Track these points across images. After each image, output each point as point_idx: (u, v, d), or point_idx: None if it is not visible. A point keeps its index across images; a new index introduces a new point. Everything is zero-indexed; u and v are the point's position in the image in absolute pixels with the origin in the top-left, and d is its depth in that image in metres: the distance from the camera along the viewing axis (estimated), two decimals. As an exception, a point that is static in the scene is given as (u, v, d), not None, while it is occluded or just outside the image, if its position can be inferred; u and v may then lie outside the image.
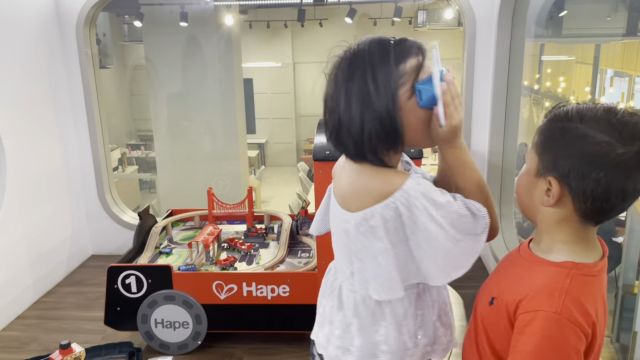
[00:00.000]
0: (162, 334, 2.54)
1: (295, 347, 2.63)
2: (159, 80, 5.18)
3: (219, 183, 5.20)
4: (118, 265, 2.51)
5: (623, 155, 0.85)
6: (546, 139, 0.94)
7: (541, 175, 0.94)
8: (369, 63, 1.00)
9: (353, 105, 1.01)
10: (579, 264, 0.93)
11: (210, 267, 2.61)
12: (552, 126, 0.93)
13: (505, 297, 0.96)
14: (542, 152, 0.94)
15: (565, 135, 0.90)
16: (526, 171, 0.99)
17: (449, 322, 1.20)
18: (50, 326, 2.94)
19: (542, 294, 0.90)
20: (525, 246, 1.03)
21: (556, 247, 0.96)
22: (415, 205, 1.00)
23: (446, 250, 1.02)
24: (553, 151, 0.92)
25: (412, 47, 1.02)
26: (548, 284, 0.91)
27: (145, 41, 5.34)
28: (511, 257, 1.08)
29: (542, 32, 4.21)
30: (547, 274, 0.93)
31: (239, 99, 5.33)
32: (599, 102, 0.93)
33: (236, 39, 5.38)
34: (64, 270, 3.54)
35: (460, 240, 1.02)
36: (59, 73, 3.46)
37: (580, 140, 0.88)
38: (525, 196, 1.00)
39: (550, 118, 0.95)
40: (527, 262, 0.99)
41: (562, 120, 0.92)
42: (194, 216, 3.19)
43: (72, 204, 3.65)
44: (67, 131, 3.55)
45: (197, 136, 5.34)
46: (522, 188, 1.01)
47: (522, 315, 0.91)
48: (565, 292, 0.89)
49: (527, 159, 0.99)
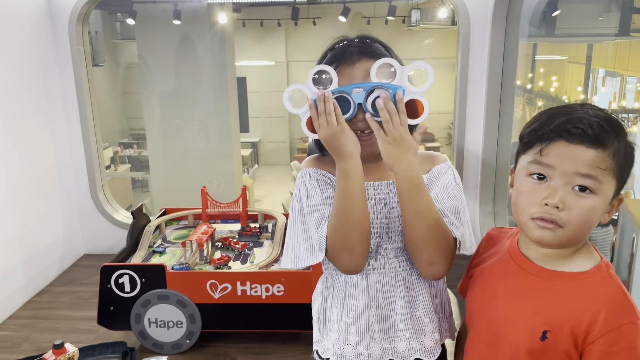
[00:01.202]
0: (155, 333, 2.53)
1: (289, 346, 2.63)
2: (151, 79, 5.15)
3: (213, 182, 5.18)
4: (111, 265, 2.50)
5: None
6: (623, 160, 0.86)
7: (616, 196, 0.88)
8: None
9: None
10: (602, 261, 0.91)
11: (204, 267, 2.60)
12: (626, 144, 0.87)
13: (563, 326, 0.87)
14: (620, 174, 0.86)
15: (631, 151, 0.87)
16: (603, 201, 0.87)
17: (393, 334, 1.13)
18: (42, 326, 2.92)
19: (614, 307, 0.85)
20: (530, 263, 0.94)
21: (571, 258, 0.91)
22: (297, 188, 1.19)
23: (291, 235, 1.18)
24: (628, 169, 0.88)
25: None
26: (610, 296, 0.86)
27: (138, 39, 5.31)
28: (520, 278, 0.95)
29: (536, 31, 4.23)
30: (597, 286, 0.88)
31: (232, 98, 5.31)
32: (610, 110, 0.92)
33: (229, 37, 5.36)
34: (57, 269, 3.52)
35: (302, 236, 1.15)
36: (51, 71, 3.43)
37: (632, 152, 0.88)
38: (594, 223, 0.89)
39: (616, 138, 0.86)
40: (556, 281, 0.90)
41: (621, 137, 0.87)
42: (187, 215, 3.17)
43: (65, 203, 3.62)
44: (59, 129, 3.52)
45: (190, 135, 5.32)
46: (595, 220, 0.88)
47: (603, 338, 0.84)
48: (627, 295, 0.86)
49: (603, 190, 0.86)
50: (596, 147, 0.83)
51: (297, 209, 1.16)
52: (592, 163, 0.83)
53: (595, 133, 0.83)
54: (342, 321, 1.16)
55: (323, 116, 1.04)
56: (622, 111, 5.12)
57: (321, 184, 1.16)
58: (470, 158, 3.50)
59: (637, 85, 5.36)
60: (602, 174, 0.84)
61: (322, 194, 1.13)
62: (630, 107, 5.13)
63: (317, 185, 1.15)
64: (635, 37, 4.50)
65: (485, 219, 3.45)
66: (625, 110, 5.09)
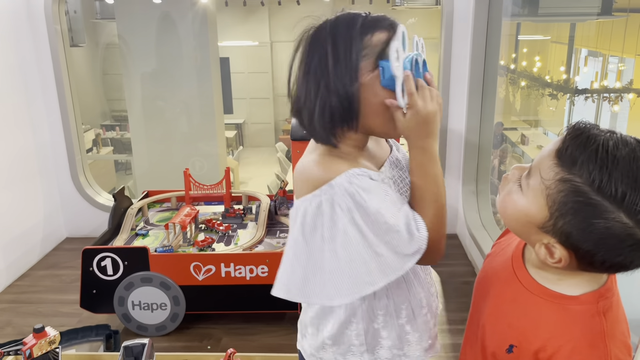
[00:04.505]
0: (139, 315, 2.52)
1: (274, 326, 2.64)
2: (132, 59, 5.06)
3: (196, 164, 5.14)
4: (93, 248, 2.48)
5: None
6: (572, 209, 0.73)
7: (546, 232, 0.78)
8: (330, 32, 0.93)
9: (311, 74, 0.94)
10: (599, 290, 0.81)
11: (187, 249, 2.59)
12: (585, 195, 0.72)
13: (529, 346, 0.82)
14: (557, 216, 0.75)
15: (599, 221, 0.71)
16: (524, 210, 0.80)
17: (426, 327, 1.08)
18: (24, 310, 2.90)
19: (582, 345, 0.78)
20: (524, 270, 0.88)
21: (566, 278, 0.82)
22: (339, 205, 0.89)
23: (361, 260, 0.89)
24: (575, 230, 0.74)
25: (383, 22, 0.93)
26: (584, 332, 0.79)
27: (117, 18, 5.19)
28: (510, 284, 0.90)
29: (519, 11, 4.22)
30: (576, 316, 0.80)
31: (215, 79, 5.24)
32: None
33: (212, 17, 5.27)
34: (38, 253, 3.48)
35: (381, 256, 0.89)
36: (27, 51, 3.35)
37: (615, 237, 0.71)
38: (517, 230, 0.84)
39: (585, 176, 0.71)
40: (538, 298, 0.84)
41: (603, 195, 0.70)
42: (170, 197, 3.15)
43: (45, 186, 3.57)
44: (37, 112, 3.45)
45: (173, 116, 5.25)
46: (511, 218, 0.83)
47: None
48: (607, 337, 0.78)
49: (531, 198, 0.79)
50: (559, 158, 0.75)
51: (349, 230, 0.89)
52: (542, 166, 0.77)
53: (573, 145, 0.74)
54: (396, 325, 1.05)
55: (426, 89, 0.93)
56: (603, 91, 5.17)
57: (380, 186, 0.94)
58: (453, 137, 3.51)
59: (618, 65, 5.40)
60: (539, 183, 0.77)
61: (385, 194, 0.93)
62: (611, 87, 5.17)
63: (379, 188, 0.93)
64: (617, 17, 4.52)
65: (467, 198, 3.48)
66: (607, 90, 5.14)
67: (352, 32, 0.92)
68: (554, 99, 5.35)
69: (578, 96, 5.25)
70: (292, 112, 1.01)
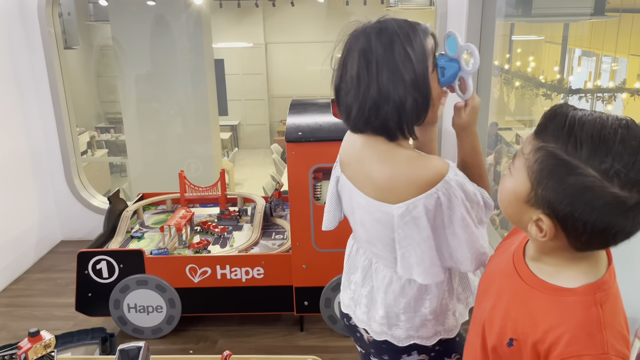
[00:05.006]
0: (135, 318, 2.52)
1: (270, 328, 2.64)
2: (126, 61, 5.05)
3: (191, 166, 5.13)
4: (88, 251, 2.47)
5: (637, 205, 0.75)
6: (545, 171, 0.78)
7: (532, 205, 0.81)
8: (403, 34, 1.05)
9: (394, 74, 1.04)
10: (597, 283, 0.83)
11: (183, 251, 2.59)
12: (555, 157, 0.77)
13: (528, 338, 0.85)
14: (536, 184, 0.79)
15: (570, 178, 0.75)
16: (513, 189, 0.84)
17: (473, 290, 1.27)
18: (19, 314, 2.88)
19: (579, 335, 0.80)
20: (524, 265, 0.91)
21: (564, 270, 0.85)
22: (455, 196, 1.06)
23: (475, 237, 1.10)
24: (551, 191, 0.78)
25: (428, 29, 1.10)
26: (582, 322, 0.81)
27: (111, 21, 5.18)
28: (511, 280, 0.93)
29: (513, 11, 4.24)
30: (574, 307, 0.82)
31: (209, 80, 5.23)
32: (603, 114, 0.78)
33: (206, 19, 5.26)
34: (33, 256, 3.47)
35: (479, 228, 1.11)
36: (21, 53, 3.34)
37: (587, 190, 0.74)
38: (512, 215, 0.88)
39: (554, 142, 0.78)
40: (537, 291, 0.87)
41: (570, 154, 0.75)
42: (165, 200, 3.14)
43: (40, 189, 3.55)
44: (31, 114, 3.44)
45: (168, 118, 5.24)
46: (506, 203, 0.88)
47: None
48: (604, 327, 0.79)
49: (516, 176, 0.84)
50: (535, 132, 0.83)
51: (465, 214, 1.09)
52: (523, 144, 0.85)
53: (544, 120, 0.82)
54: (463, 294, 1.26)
55: (471, 86, 1.14)
56: (597, 90, 5.19)
57: None
58: (448, 138, 3.52)
59: (611, 64, 5.43)
60: (520, 159, 0.83)
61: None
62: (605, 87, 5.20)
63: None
64: (610, 17, 4.54)
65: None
66: (600, 90, 5.16)
67: (418, 36, 1.07)
68: (548, 99, 5.37)
69: (572, 96, 5.27)
70: (358, 118, 1.08)
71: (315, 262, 2.40)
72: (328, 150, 2.23)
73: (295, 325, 2.65)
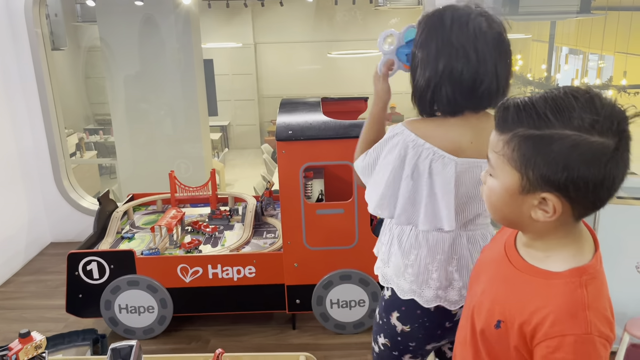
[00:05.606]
0: (126, 319, 2.51)
1: (262, 327, 2.65)
2: (115, 62, 5.02)
3: (181, 166, 5.12)
4: (78, 252, 2.46)
5: (624, 152, 0.79)
6: (528, 153, 0.80)
7: (528, 192, 0.83)
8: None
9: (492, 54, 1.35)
10: (584, 266, 0.85)
11: (174, 251, 2.58)
12: (530, 137, 0.80)
13: (514, 320, 0.87)
14: (525, 169, 0.81)
15: (553, 145, 0.78)
16: (502, 188, 0.86)
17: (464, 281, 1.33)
18: (9, 316, 2.86)
19: (563, 315, 0.82)
20: (514, 251, 0.94)
21: (554, 254, 0.88)
22: None
23: None
24: (542, 167, 0.79)
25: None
26: (566, 303, 0.83)
27: (99, 21, 5.15)
28: (501, 266, 0.95)
29: (500, 9, 4.27)
30: (559, 289, 0.84)
31: (199, 81, 5.22)
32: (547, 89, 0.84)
33: (195, 19, 5.25)
34: (22, 258, 3.44)
35: None
36: (8, 55, 3.31)
37: (574, 148, 0.77)
38: (510, 213, 0.88)
39: (520, 126, 0.81)
40: (526, 275, 0.89)
41: (541, 127, 0.79)
42: (156, 200, 3.13)
43: (28, 191, 3.53)
44: (19, 116, 3.42)
45: (157, 119, 5.22)
46: (499, 204, 0.89)
47: (546, 342, 0.83)
48: (587, 308, 0.82)
49: (499, 175, 0.86)
50: (496, 130, 0.86)
51: None
52: (491, 145, 0.87)
53: (499, 116, 0.85)
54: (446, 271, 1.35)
55: None
56: (584, 88, 5.23)
57: None
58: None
59: (598, 62, 5.48)
60: (496, 158, 0.85)
61: None
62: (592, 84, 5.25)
63: None
64: (596, 15, 4.60)
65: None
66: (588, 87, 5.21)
67: None
68: (536, 97, 5.41)
69: (559, 93, 5.31)
70: (465, 96, 1.28)
71: (307, 260, 2.41)
72: (318, 148, 2.24)
73: (287, 324, 2.66)
